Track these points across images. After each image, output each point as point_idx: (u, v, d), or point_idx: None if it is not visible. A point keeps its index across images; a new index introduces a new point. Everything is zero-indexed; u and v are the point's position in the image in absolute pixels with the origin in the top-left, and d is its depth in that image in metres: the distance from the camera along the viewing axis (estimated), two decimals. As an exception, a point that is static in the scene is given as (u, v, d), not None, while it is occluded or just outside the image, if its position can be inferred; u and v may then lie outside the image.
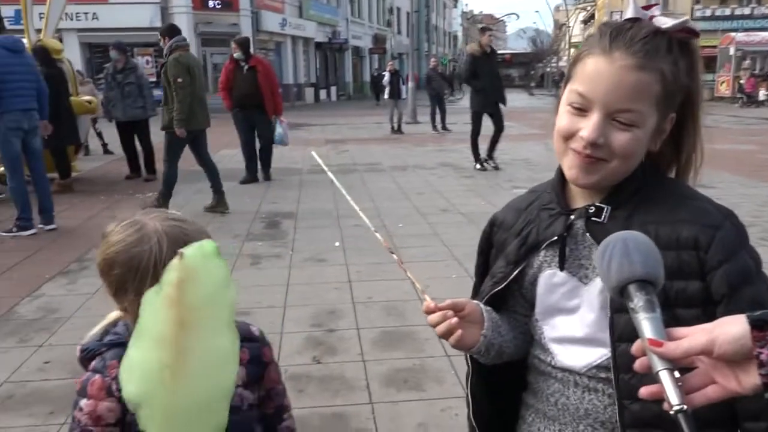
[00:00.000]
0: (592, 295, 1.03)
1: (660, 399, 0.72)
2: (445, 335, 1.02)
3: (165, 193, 7.04)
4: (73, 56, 18.28)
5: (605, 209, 1.03)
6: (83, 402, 1.14)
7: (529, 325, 1.15)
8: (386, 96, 17.05)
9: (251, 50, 9.00)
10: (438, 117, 16.65)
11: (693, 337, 0.72)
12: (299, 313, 3.99)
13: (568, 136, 1.01)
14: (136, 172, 9.33)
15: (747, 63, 25.93)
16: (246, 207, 7.27)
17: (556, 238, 1.06)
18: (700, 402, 0.73)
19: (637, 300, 0.77)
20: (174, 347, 0.94)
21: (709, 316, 0.94)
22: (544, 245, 1.08)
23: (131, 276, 1.11)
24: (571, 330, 1.06)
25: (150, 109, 9.33)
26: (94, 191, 8.33)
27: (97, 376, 1.15)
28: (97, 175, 9.87)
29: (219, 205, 7.00)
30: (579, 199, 1.08)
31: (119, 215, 1.20)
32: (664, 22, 0.97)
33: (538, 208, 1.13)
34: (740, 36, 27.89)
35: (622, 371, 0.98)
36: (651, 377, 0.95)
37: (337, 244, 5.55)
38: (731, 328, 0.70)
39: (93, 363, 1.19)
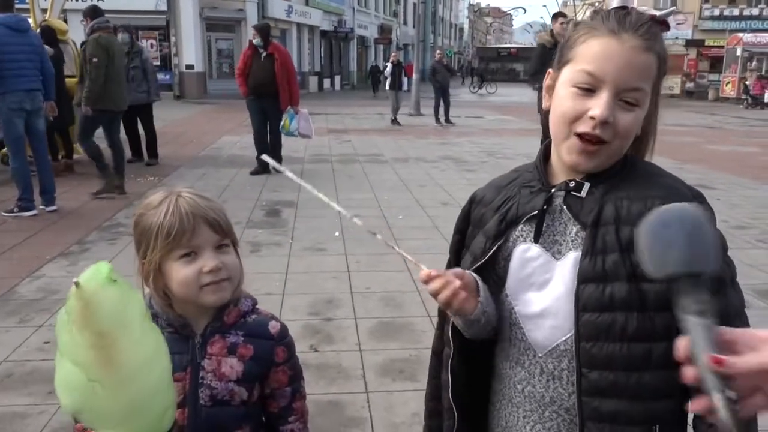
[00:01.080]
0: (564, 270, 1.05)
1: (709, 414, 0.68)
2: (448, 300, 1.02)
3: (102, 168, 6.97)
4: (77, 37, 18.20)
5: (584, 185, 1.06)
6: None
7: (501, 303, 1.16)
8: (387, 87, 16.99)
9: (270, 37, 8.73)
10: (442, 110, 16.59)
11: (760, 355, 0.66)
12: (297, 301, 4.02)
13: (575, 119, 1.03)
14: (138, 155, 9.33)
15: (754, 64, 25.82)
16: (247, 194, 7.29)
17: (535, 212, 1.09)
18: (744, 415, 0.68)
19: (694, 299, 0.72)
20: (95, 366, 0.99)
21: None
22: (523, 220, 1.11)
23: (143, 237, 1.20)
24: (541, 304, 1.08)
25: (154, 93, 9.27)
26: (95, 174, 8.30)
27: None
28: (99, 158, 9.87)
29: (109, 188, 6.95)
30: (560, 179, 1.11)
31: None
32: (653, 12, 1.03)
33: (519, 186, 1.15)
34: (748, 37, 27.76)
35: (584, 340, 1.01)
36: (613, 347, 0.99)
37: (337, 233, 5.57)
38: None
39: None
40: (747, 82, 25.71)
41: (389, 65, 17.27)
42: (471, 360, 1.19)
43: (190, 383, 1.22)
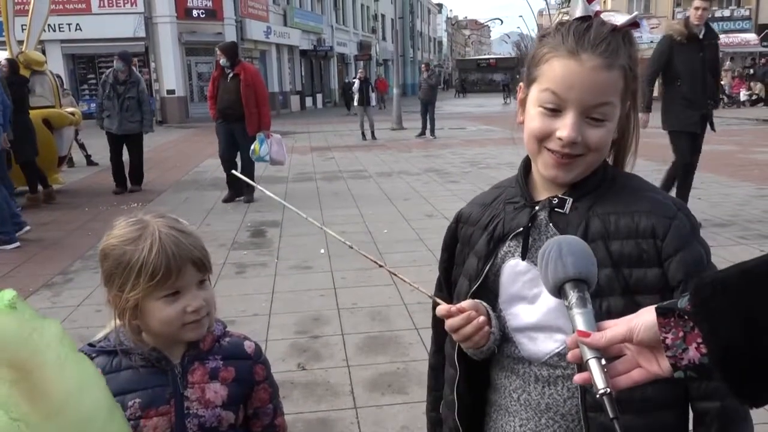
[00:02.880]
0: None
1: (590, 384, 0.78)
2: (469, 336, 1.04)
3: None
4: (56, 68, 18.20)
5: (567, 201, 1.07)
6: None
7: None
8: (355, 103, 17.09)
9: (239, 56, 8.25)
10: (427, 124, 16.71)
11: (615, 327, 0.79)
12: (284, 320, 4.01)
13: (543, 137, 1.05)
14: (122, 186, 9.04)
15: (728, 64, 26.28)
16: (231, 216, 7.28)
17: (521, 229, 1.10)
18: (625, 384, 0.80)
19: (571, 297, 0.84)
20: (15, 402, 0.91)
21: None
22: (510, 237, 1.12)
23: (119, 271, 1.16)
24: (533, 318, 1.09)
25: (148, 125, 9.01)
26: (78, 203, 8.29)
27: None
28: (81, 187, 9.83)
29: None
30: (542, 192, 1.12)
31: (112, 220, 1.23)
32: (617, 20, 1.02)
33: (503, 202, 1.17)
34: (720, 38, 28.24)
35: (568, 359, 1.02)
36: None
37: (322, 251, 5.57)
38: (646, 317, 0.77)
39: None
40: (722, 82, 26.11)
41: (357, 81, 17.35)
42: (473, 375, 1.20)
43: (175, 415, 1.20)
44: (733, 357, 0.68)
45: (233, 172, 1.42)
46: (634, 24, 1.04)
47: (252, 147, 7.80)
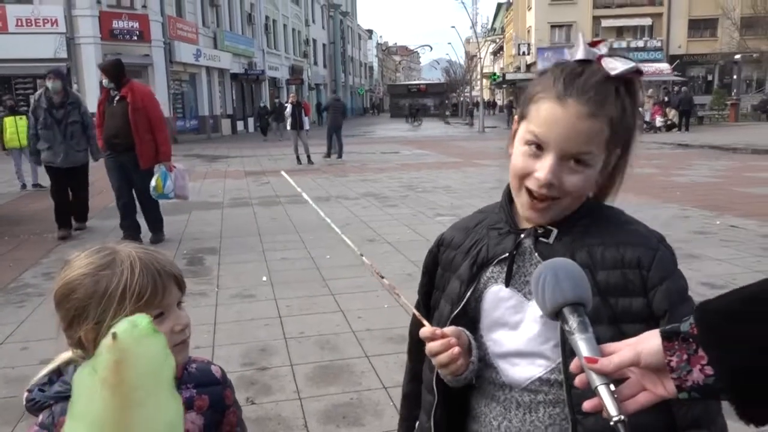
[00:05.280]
0: (537, 310, 1.05)
1: (601, 411, 0.78)
2: (443, 364, 1.03)
3: None
4: (-31, 89, 17.22)
5: (553, 231, 1.08)
6: None
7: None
8: (289, 127, 17.02)
9: (125, 75, 6.76)
10: (335, 146, 17.68)
11: (622, 352, 0.81)
12: (229, 352, 3.85)
13: (524, 175, 1.06)
14: (67, 228, 7.55)
15: (651, 91, 27.84)
16: (165, 245, 7.00)
17: (506, 255, 1.10)
18: (633, 409, 0.80)
19: (572, 322, 0.84)
20: (114, 429, 0.89)
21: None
22: (494, 262, 1.12)
23: (95, 301, 1.05)
24: (515, 344, 1.09)
25: (95, 151, 7.52)
26: (-4, 232, 7.78)
27: None
28: (-1, 215, 9.24)
29: None
30: (526, 220, 1.12)
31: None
32: (614, 68, 1.00)
33: (486, 228, 1.17)
34: (636, 67, 29.92)
35: (575, 386, 1.00)
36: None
37: (264, 278, 5.42)
38: (652, 342, 0.79)
39: (41, 417, 1.10)
40: (642, 109, 27.58)
41: (289, 106, 17.17)
42: (452, 403, 1.18)
43: None
44: (742, 380, 0.72)
45: (283, 173, 1.36)
46: (637, 72, 1.02)
47: (153, 183, 6.60)
